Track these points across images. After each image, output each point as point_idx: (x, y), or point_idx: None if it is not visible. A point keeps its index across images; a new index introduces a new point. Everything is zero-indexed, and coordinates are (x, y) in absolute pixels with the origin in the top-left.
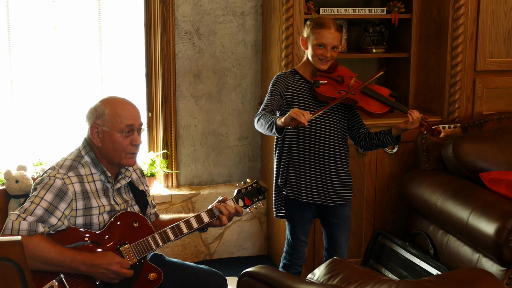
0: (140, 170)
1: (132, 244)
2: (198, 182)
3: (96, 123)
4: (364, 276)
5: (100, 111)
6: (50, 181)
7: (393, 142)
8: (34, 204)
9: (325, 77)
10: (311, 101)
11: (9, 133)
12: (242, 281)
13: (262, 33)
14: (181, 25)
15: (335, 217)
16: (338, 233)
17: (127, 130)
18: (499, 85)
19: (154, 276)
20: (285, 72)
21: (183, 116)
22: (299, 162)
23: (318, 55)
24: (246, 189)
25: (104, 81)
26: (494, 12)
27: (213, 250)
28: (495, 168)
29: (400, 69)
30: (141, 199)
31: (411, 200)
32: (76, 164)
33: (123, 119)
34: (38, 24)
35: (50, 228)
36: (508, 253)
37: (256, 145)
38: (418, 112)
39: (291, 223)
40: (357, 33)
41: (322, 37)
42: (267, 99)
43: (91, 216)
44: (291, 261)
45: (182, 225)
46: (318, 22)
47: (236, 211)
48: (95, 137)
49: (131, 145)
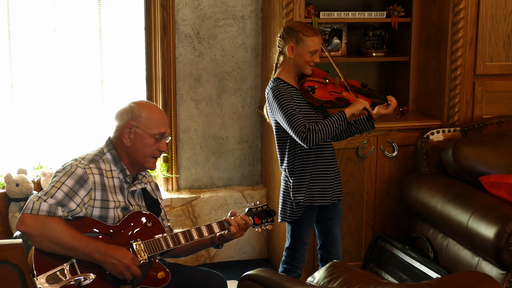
0: (155, 184)
1: (144, 241)
2: (198, 186)
3: (130, 123)
4: (364, 279)
5: (136, 112)
6: (72, 169)
7: (370, 127)
8: (55, 188)
9: (314, 81)
10: (307, 107)
11: (10, 136)
12: (242, 284)
13: (262, 37)
14: (181, 29)
15: (332, 212)
16: (334, 228)
17: (158, 136)
18: (499, 89)
19: (163, 275)
20: (277, 84)
21: (183, 119)
22: (307, 167)
23: (310, 61)
24: (256, 210)
25: (104, 85)
26: (493, 16)
27: (213, 253)
28: (495, 171)
29: (400, 73)
30: (154, 207)
31: (411, 204)
32: (98, 158)
33: (159, 125)
34: (39, 28)
35: (69, 213)
36: (508, 257)
37: (256, 148)
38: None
39: (297, 227)
40: (357, 37)
41: (316, 44)
42: (295, 115)
43: (108, 209)
44: (293, 265)
45: (193, 231)
46: (305, 30)
47: (245, 222)
48: (126, 137)
49: (158, 150)
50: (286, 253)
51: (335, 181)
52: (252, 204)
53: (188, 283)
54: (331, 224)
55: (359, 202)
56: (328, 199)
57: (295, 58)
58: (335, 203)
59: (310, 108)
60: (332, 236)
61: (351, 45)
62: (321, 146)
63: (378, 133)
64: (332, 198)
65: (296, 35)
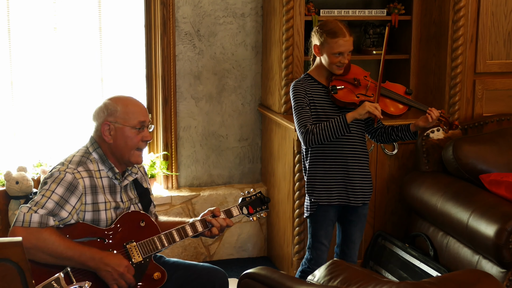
0: (143, 168)
1: (138, 242)
2: (198, 184)
3: (108, 120)
4: (364, 278)
5: (112, 108)
6: (61, 175)
7: (411, 137)
8: (45, 198)
9: (341, 81)
10: (331, 106)
11: (10, 134)
12: (242, 282)
13: (262, 35)
14: (181, 27)
15: (354, 215)
16: (353, 230)
17: (139, 126)
18: (499, 87)
19: (159, 276)
20: (300, 80)
21: (183, 117)
22: (324, 165)
23: (336, 62)
24: (250, 198)
25: (104, 82)
26: (494, 14)
27: (213, 251)
28: (495, 170)
29: (400, 70)
30: (145, 197)
31: (411, 202)
32: (85, 159)
33: (136, 115)
34: (39, 25)
35: (60, 221)
36: (508, 255)
37: (256, 146)
38: (436, 109)
39: (313, 224)
40: (357, 34)
41: (340, 46)
42: (302, 114)
43: (99, 211)
44: (309, 266)
45: (187, 227)
46: (331, 30)
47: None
48: (107, 134)
49: (142, 141)
50: (306, 254)
51: (360, 183)
52: (246, 192)
53: (189, 279)
54: (352, 227)
55: None
56: (342, 200)
57: (322, 58)
58: (358, 207)
59: (336, 108)
60: (349, 239)
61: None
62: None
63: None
64: (353, 201)
65: (321, 35)
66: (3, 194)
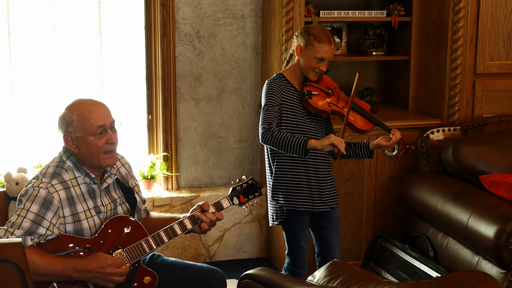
0: (128, 165)
1: (124, 248)
2: (198, 185)
3: (68, 131)
4: (364, 278)
5: (68, 118)
6: (35, 192)
7: (368, 156)
8: (20, 217)
9: (315, 88)
10: (301, 111)
11: (10, 135)
12: (242, 283)
13: (262, 36)
14: (181, 28)
15: (326, 221)
16: (330, 236)
17: (99, 131)
18: (499, 88)
19: (149, 280)
20: (276, 78)
21: (183, 118)
22: (292, 172)
23: (315, 68)
24: (241, 187)
25: (104, 84)
26: (494, 15)
27: (213, 252)
28: (495, 170)
29: (400, 72)
30: (129, 196)
31: (411, 203)
32: (59, 170)
33: (92, 122)
34: (39, 27)
35: (39, 238)
36: (508, 256)
37: (256, 147)
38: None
39: (290, 232)
40: (357, 35)
41: (324, 52)
42: (269, 112)
43: (80, 221)
44: (294, 271)
45: (175, 226)
46: (319, 34)
47: (216, 218)
48: (71, 145)
49: (107, 144)
50: (286, 260)
51: (326, 188)
52: (237, 181)
53: (187, 280)
54: (327, 233)
55: (359, 201)
56: (314, 206)
57: (301, 60)
58: (328, 212)
59: (305, 113)
60: (327, 245)
61: (351, 44)
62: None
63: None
64: (321, 206)
65: (308, 37)
66: (3, 195)
